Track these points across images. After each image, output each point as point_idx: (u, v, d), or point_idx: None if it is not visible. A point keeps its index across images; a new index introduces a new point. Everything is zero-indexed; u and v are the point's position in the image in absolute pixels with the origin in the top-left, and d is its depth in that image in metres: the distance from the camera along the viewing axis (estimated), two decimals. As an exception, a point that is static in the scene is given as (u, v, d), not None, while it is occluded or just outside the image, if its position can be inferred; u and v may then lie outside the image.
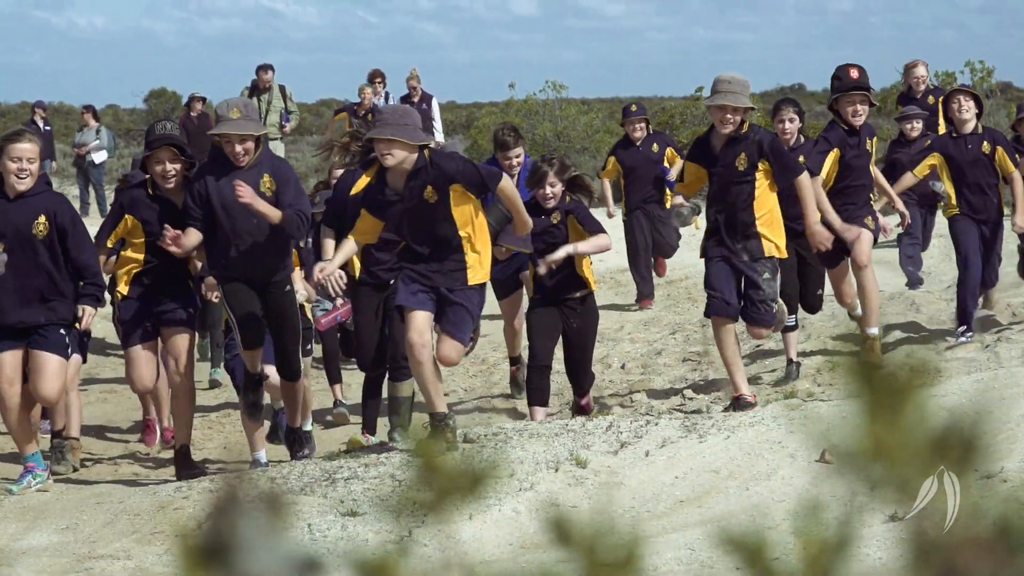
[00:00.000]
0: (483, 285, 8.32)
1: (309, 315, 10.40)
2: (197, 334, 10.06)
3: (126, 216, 8.81)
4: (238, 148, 8.41)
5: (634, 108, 15.07)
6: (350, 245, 8.22)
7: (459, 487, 1.04)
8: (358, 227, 8.19)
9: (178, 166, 8.69)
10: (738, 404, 9.01)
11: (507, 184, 8.06)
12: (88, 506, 7.71)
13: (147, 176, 8.87)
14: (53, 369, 8.35)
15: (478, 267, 8.16)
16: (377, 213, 8.11)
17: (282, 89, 21.41)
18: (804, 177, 8.92)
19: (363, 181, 8.59)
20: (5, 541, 7.09)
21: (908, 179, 11.39)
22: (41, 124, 26.45)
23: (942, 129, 12.56)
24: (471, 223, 8.07)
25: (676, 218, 9.32)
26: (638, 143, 14.69)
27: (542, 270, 9.29)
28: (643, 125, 14.82)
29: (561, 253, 9.29)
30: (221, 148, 8.53)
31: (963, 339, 11.04)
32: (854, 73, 9.50)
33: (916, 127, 13.24)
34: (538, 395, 9.61)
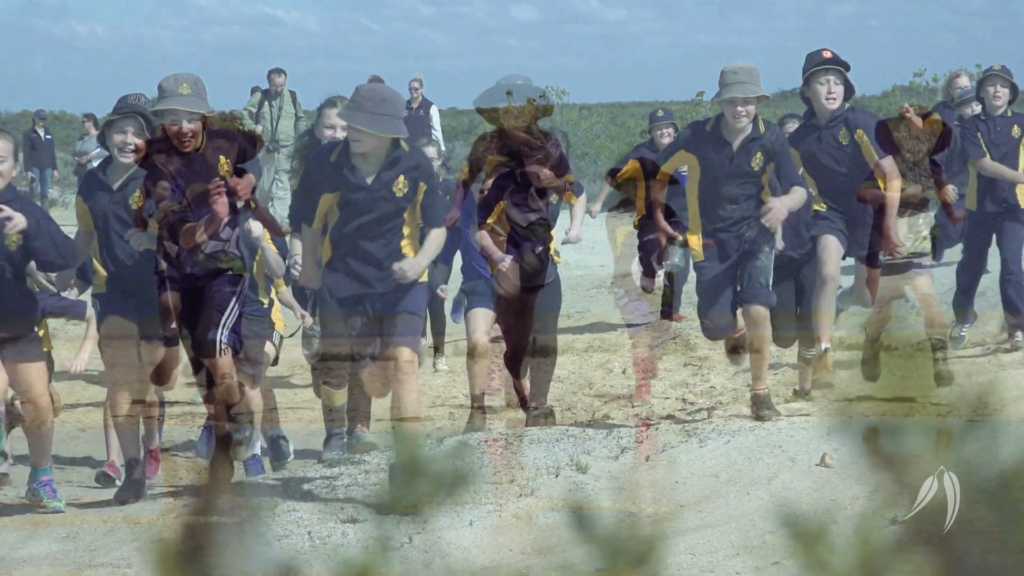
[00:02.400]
0: (424, 285, 7.86)
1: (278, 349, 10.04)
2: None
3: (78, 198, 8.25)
4: (185, 127, 7.24)
5: (661, 113, 14.82)
6: (314, 239, 7.59)
7: (439, 488, 1.03)
8: (319, 215, 7.54)
9: (140, 142, 7.80)
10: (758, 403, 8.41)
11: (443, 234, 7.63)
12: (88, 514, 7.70)
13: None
14: (38, 373, 7.79)
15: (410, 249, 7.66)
16: (341, 195, 7.51)
17: (293, 95, 21.41)
18: (799, 190, 8.50)
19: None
20: (5, 550, 7.08)
21: (1002, 169, 10.95)
22: (42, 133, 26.47)
23: None
24: (415, 222, 7.68)
25: (674, 258, 8.46)
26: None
27: (574, 236, 9.30)
28: (670, 131, 14.66)
29: (580, 227, 9.37)
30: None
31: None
32: (826, 54, 9.13)
33: (975, 110, 12.80)
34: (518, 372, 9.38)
